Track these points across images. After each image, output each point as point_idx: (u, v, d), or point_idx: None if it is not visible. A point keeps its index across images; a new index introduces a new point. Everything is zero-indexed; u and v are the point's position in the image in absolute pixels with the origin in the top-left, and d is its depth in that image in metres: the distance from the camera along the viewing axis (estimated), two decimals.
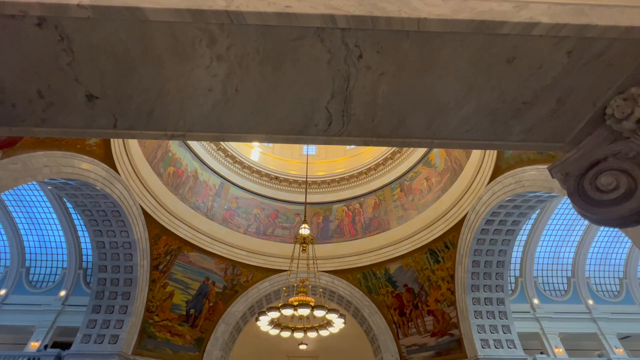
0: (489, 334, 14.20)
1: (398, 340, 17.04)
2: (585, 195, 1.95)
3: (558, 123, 1.99)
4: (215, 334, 16.97)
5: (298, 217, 20.87)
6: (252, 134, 2.06)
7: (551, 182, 9.89)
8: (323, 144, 2.11)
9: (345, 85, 1.84)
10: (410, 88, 1.92)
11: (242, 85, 1.86)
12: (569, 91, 1.86)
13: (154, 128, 2.03)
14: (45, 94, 1.85)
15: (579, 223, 19.49)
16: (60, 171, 10.46)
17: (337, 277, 18.95)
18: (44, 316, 17.72)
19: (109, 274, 14.46)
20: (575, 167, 2.03)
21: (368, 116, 1.96)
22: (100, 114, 1.96)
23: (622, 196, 1.79)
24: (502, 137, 2.07)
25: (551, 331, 18.09)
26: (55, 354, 13.67)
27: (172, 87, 1.86)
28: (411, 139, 2.07)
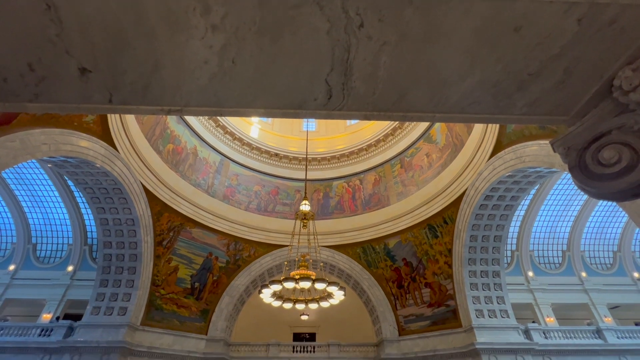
0: (484, 304, 14.72)
1: (396, 310, 17.70)
2: (586, 169, 1.94)
3: (563, 95, 1.94)
4: (220, 305, 17.62)
5: (298, 194, 21.02)
6: (250, 108, 2.01)
7: (552, 158, 9.86)
8: (323, 118, 2.07)
9: (346, 56, 1.77)
10: (412, 60, 1.85)
11: (238, 57, 1.80)
12: (576, 61, 1.80)
13: (150, 103, 1.99)
14: (37, 68, 1.79)
15: (577, 198, 19.65)
16: (59, 149, 10.39)
17: (337, 252, 19.38)
18: (53, 290, 18.32)
19: (114, 250, 14.78)
20: (578, 141, 2.00)
21: (369, 89, 1.91)
22: (95, 88, 1.91)
23: (623, 170, 1.78)
24: (505, 111, 2.03)
25: (544, 302, 18.76)
26: (67, 325, 14.26)
27: (167, 60, 1.80)
28: (412, 112, 2.03)
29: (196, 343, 16.11)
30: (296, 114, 2.02)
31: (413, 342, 16.36)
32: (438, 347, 15.24)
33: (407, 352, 16.25)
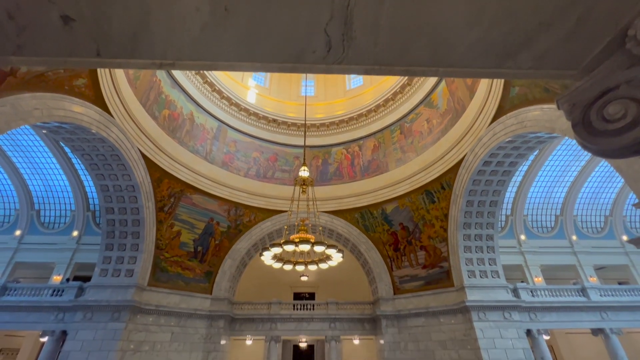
0: (476, 266, 15.34)
1: (392, 272, 18.47)
2: (590, 126, 1.90)
3: (574, 47, 1.85)
4: (223, 267, 18.32)
5: (297, 160, 20.98)
6: (245, 62, 1.91)
7: (553, 123, 9.73)
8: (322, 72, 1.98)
9: (346, 3, 1.66)
10: (416, 9, 1.74)
11: (231, 4, 1.68)
12: (590, 9, 1.69)
13: (141, 56, 1.89)
14: (16, 16, 1.68)
15: (575, 164, 19.72)
16: (52, 114, 10.16)
17: (336, 217, 19.78)
18: (61, 254, 18.89)
19: (117, 216, 15.02)
20: (584, 96, 1.95)
21: (370, 40, 1.81)
22: (80, 39, 1.80)
23: (627, 125, 1.75)
24: (512, 65, 1.95)
25: (533, 263, 19.55)
26: (78, 285, 14.89)
27: (156, 6, 1.68)
28: (415, 67, 1.94)
29: (201, 302, 16.96)
30: (294, 68, 1.93)
31: (407, 300, 17.26)
32: (431, 305, 16.10)
33: (401, 309, 17.21)
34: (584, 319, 14.95)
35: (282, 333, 18.60)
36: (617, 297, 15.44)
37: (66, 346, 13.18)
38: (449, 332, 15.11)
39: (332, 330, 18.72)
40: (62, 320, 14.09)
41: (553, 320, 14.92)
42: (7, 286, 14.93)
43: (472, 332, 14.02)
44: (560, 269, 20.28)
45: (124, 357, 13.33)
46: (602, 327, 14.71)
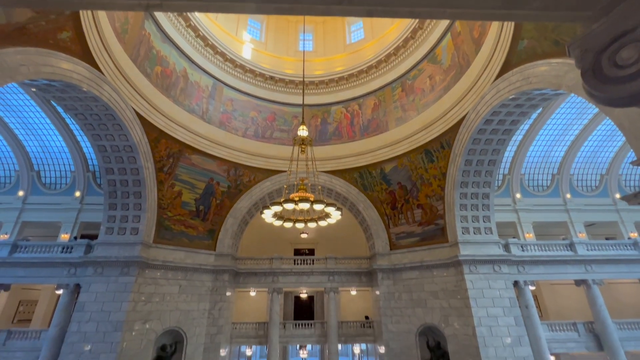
0: (470, 223, 15.82)
1: (389, 229, 19.08)
2: (600, 73, 1.84)
3: None
4: (225, 225, 18.85)
5: (296, 120, 20.59)
6: (240, 2, 1.79)
7: (559, 79, 9.41)
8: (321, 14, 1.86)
9: None
10: None
11: None
12: None
13: None
14: None
15: (577, 122, 19.47)
16: (39, 71, 9.73)
17: (335, 177, 19.93)
18: (66, 213, 19.29)
19: (117, 176, 15.08)
20: (598, 41, 1.86)
21: None
22: None
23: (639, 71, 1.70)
24: (525, 5, 1.82)
25: (526, 220, 20.15)
26: (86, 243, 15.43)
27: None
28: (421, 7, 1.82)
29: (206, 257, 17.72)
30: (291, 10, 1.80)
31: (402, 255, 18.05)
32: (425, 259, 16.88)
33: (396, 263, 18.07)
34: (569, 271, 15.80)
35: (283, 285, 19.70)
36: (602, 251, 16.17)
37: (81, 297, 14.01)
38: (440, 283, 16.02)
39: (330, 282, 19.81)
40: (75, 274, 14.81)
41: (540, 272, 15.77)
42: (17, 244, 15.46)
43: (463, 284, 14.88)
44: (551, 225, 20.95)
45: (136, 307, 14.23)
46: (586, 278, 15.60)
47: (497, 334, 13.83)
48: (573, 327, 15.50)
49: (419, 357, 16.12)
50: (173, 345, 15.56)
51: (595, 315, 15.13)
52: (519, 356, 13.51)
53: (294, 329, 19.82)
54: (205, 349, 16.31)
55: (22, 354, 14.21)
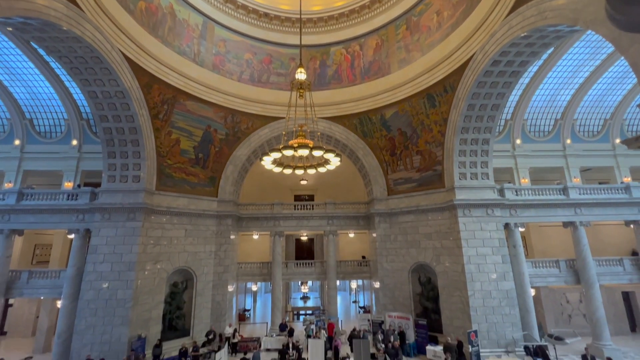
0: (468, 168, 16.01)
1: (387, 175, 19.37)
2: None
3: None
4: (225, 173, 19.09)
5: (293, 62, 19.53)
6: None
7: (577, 13, 8.72)
8: None
9: None
10: None
11: None
12: None
13: None
14: None
15: (589, 64, 18.55)
16: (12, 6, 8.95)
17: (334, 123, 19.61)
18: (66, 162, 19.34)
19: (112, 124, 14.80)
20: None
21: None
22: None
23: None
24: None
25: (523, 166, 20.35)
26: (90, 191, 15.75)
27: None
28: None
29: (209, 204, 18.27)
30: None
31: (399, 200, 18.62)
32: (421, 204, 17.45)
33: (393, 208, 18.72)
34: (559, 214, 16.43)
35: (284, 229, 20.64)
36: (593, 195, 16.64)
37: (92, 241, 14.77)
38: (435, 226, 16.80)
39: (330, 226, 20.73)
40: (83, 220, 15.39)
41: (531, 215, 16.42)
42: (23, 192, 15.78)
43: (456, 226, 15.60)
44: (547, 171, 21.23)
45: (145, 249, 15.09)
46: (574, 220, 16.30)
47: (484, 271, 14.92)
48: (555, 264, 16.65)
49: (410, 291, 17.59)
50: (184, 282, 16.86)
51: (578, 253, 16.15)
52: (502, 289, 14.76)
53: (296, 268, 21.29)
54: (214, 285, 17.71)
55: (46, 290, 15.45)
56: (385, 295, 18.20)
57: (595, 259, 16.27)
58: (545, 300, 18.80)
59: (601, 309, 15.31)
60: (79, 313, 13.87)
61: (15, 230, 15.53)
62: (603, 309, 15.44)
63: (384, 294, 18.24)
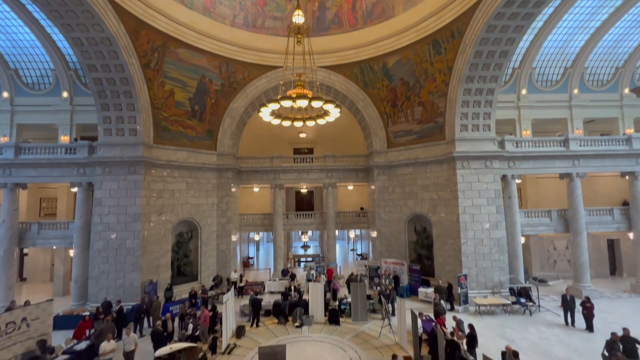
0: (470, 120, 15.72)
1: (387, 127, 19.10)
2: None
3: None
4: (223, 126, 18.78)
5: (290, 4, 18.04)
6: None
7: None
8: None
9: None
10: None
11: None
12: None
13: None
14: None
15: (607, 5, 17.20)
16: None
17: (334, 72, 18.79)
18: (59, 115, 18.88)
19: (102, 74, 14.16)
20: None
21: None
22: None
23: None
24: None
25: (526, 117, 19.97)
26: (87, 144, 15.59)
27: None
28: None
29: (208, 157, 18.27)
30: None
31: (399, 153, 18.61)
32: (420, 156, 17.47)
33: (392, 160, 18.78)
34: (557, 165, 16.53)
35: (284, 182, 20.92)
36: (593, 147, 16.58)
37: (96, 194, 15.04)
38: (433, 178, 17.01)
39: (329, 179, 20.99)
40: (84, 174, 15.50)
41: (529, 167, 16.52)
42: (20, 146, 15.64)
43: (454, 178, 15.80)
44: (550, 122, 20.90)
45: (149, 202, 15.44)
46: (571, 172, 16.46)
47: (478, 220, 15.47)
48: (547, 214, 17.20)
49: (406, 239, 18.42)
50: (189, 232, 17.55)
51: (570, 204, 16.60)
52: (494, 237, 15.45)
53: (296, 219, 22.02)
54: (218, 235, 18.47)
55: (57, 240, 16.13)
56: (381, 243, 19.09)
57: (586, 209, 16.77)
58: (534, 248, 19.81)
59: (585, 255, 16.20)
60: (92, 261, 14.66)
61: (18, 184, 15.72)
62: (587, 255, 16.33)
63: (381, 242, 19.12)
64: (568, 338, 11.41)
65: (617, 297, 15.81)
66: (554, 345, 10.83)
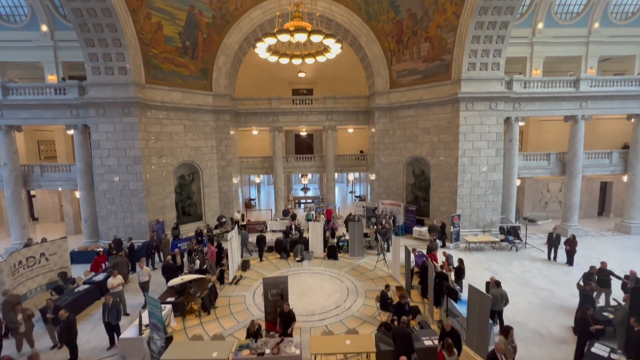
0: (479, 57, 14.81)
1: (391, 66, 18.09)
2: None
3: None
4: (217, 64, 17.76)
5: None
6: None
7: None
8: None
9: None
10: None
11: None
12: None
13: None
14: None
15: None
16: None
17: (335, 3, 17.14)
18: (42, 52, 17.70)
19: (80, 3, 12.88)
20: None
21: None
22: None
23: None
24: None
25: (539, 55, 18.79)
26: (77, 84, 14.89)
27: None
28: None
29: (204, 98, 17.65)
30: None
31: (401, 94, 17.94)
32: (423, 97, 16.88)
33: (394, 102, 18.21)
34: (564, 107, 16.02)
35: (283, 124, 20.55)
36: (603, 88, 15.89)
37: (93, 137, 14.87)
38: (435, 120, 16.67)
39: (329, 121, 20.58)
40: (78, 116, 15.10)
41: (534, 109, 16.04)
42: (6, 86, 14.95)
43: (456, 120, 15.49)
44: (563, 61, 19.75)
45: (148, 144, 15.34)
46: (577, 114, 16.05)
47: (477, 163, 15.58)
48: (546, 157, 17.24)
49: (404, 182, 18.78)
50: (191, 175, 17.80)
51: (571, 146, 16.53)
52: (490, 180, 15.73)
53: (296, 162, 22.15)
54: (219, 177, 18.77)
55: (61, 182, 16.42)
56: (380, 185, 19.51)
57: (585, 152, 16.77)
58: (528, 190, 20.31)
59: (577, 197, 16.67)
60: (98, 202, 15.12)
61: (12, 127, 15.42)
62: (579, 197, 16.80)
63: (379, 184, 19.53)
64: (548, 271, 12.36)
65: (600, 236, 16.71)
66: (535, 277, 11.79)
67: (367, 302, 10.00)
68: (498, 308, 8.14)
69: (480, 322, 7.09)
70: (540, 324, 8.68)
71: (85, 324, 9.20)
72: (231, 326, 8.90)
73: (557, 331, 8.40)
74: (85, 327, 8.94)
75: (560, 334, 8.29)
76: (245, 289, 11.30)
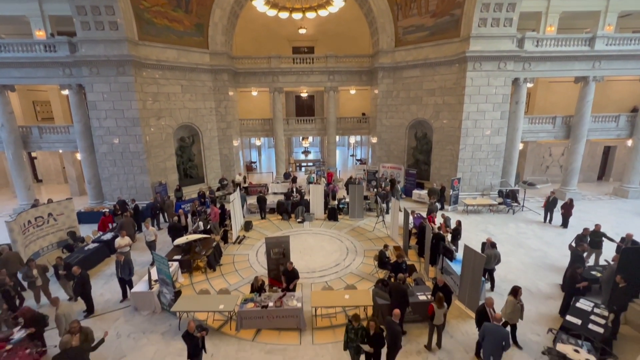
0: (492, 12, 13.91)
1: (397, 22, 17.08)
2: None
3: None
4: (213, 19, 16.78)
5: None
6: None
7: None
8: None
9: None
10: None
11: None
12: None
13: None
14: None
15: None
16: None
17: None
18: (26, 4, 16.61)
19: None
20: None
21: None
22: None
23: None
24: None
25: (555, 10, 17.61)
26: (66, 40, 14.18)
27: None
28: None
29: (201, 56, 16.92)
30: None
31: (407, 52, 17.15)
32: (430, 57, 16.15)
33: (399, 61, 17.46)
34: (575, 67, 15.34)
35: (283, 85, 19.91)
36: (619, 47, 15.10)
37: (89, 97, 14.51)
38: (440, 81, 16.11)
39: (330, 82, 19.91)
40: (71, 74, 14.59)
41: (545, 69, 15.38)
42: None
43: (462, 81, 14.96)
44: (580, 16, 18.54)
45: (145, 105, 15.02)
46: (588, 75, 15.42)
47: (480, 127, 15.33)
48: (552, 120, 16.91)
49: (406, 145, 18.63)
50: (191, 137, 17.64)
51: (578, 109, 16.12)
52: (493, 143, 15.58)
53: (296, 124, 21.81)
54: (219, 140, 18.62)
55: (61, 144, 16.34)
56: (381, 149, 19.40)
57: (592, 116, 16.40)
58: (530, 154, 20.20)
59: (579, 161, 16.62)
60: (100, 164, 15.17)
61: (5, 86, 14.99)
62: (581, 161, 16.74)
63: (381, 147, 19.40)
64: (543, 232, 12.71)
65: (597, 199, 16.93)
66: (529, 238, 12.15)
67: (365, 261, 10.43)
68: (490, 267, 8.51)
69: (474, 280, 7.45)
70: (530, 282, 9.11)
71: (98, 279, 9.71)
72: (236, 282, 9.38)
73: (545, 288, 8.84)
74: (98, 282, 9.45)
75: (548, 290, 8.74)
76: (249, 248, 11.74)
